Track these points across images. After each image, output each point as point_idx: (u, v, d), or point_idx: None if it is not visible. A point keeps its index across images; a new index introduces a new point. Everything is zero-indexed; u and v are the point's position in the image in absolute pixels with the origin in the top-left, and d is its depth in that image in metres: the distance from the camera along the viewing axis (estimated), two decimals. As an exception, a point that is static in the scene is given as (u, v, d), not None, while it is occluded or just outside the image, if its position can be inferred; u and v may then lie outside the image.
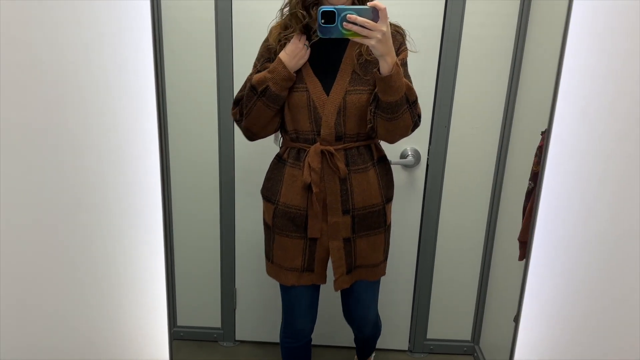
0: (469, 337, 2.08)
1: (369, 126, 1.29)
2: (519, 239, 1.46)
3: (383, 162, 1.42)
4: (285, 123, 1.36)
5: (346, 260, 1.39)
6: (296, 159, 1.36)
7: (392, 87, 1.17)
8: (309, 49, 1.28)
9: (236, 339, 2.10)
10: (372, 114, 1.26)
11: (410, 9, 1.71)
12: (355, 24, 1.08)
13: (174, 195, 1.93)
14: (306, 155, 1.33)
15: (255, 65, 1.36)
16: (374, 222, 1.39)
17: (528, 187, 1.41)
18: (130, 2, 0.63)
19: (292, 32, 1.27)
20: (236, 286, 2.04)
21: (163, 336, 0.98)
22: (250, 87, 1.29)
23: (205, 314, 2.07)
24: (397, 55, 1.25)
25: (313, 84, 1.29)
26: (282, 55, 1.27)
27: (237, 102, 1.37)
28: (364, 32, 1.08)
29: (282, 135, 1.43)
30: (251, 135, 1.38)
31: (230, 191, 1.91)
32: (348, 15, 1.07)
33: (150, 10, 0.58)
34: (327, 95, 1.29)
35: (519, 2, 1.69)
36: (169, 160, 1.89)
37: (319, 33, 1.10)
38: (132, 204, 0.81)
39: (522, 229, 1.44)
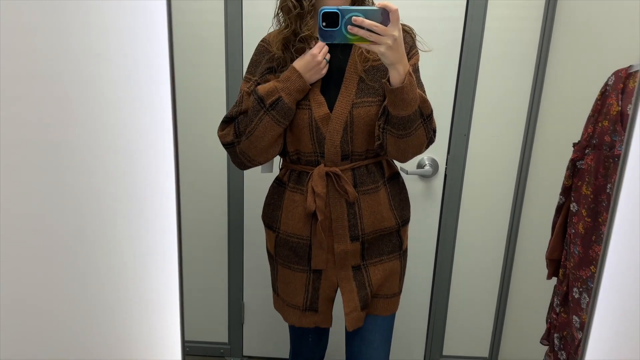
0: (486, 354, 2.00)
1: (377, 143, 1.13)
2: (547, 257, 1.38)
3: (395, 179, 1.26)
4: (286, 143, 1.20)
5: (359, 292, 1.21)
6: (297, 182, 1.21)
7: (405, 99, 1.02)
8: (328, 64, 1.13)
9: (244, 354, 2.03)
10: (380, 129, 1.10)
11: (429, 13, 1.64)
12: (362, 27, 0.92)
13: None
14: (309, 179, 1.18)
15: (248, 80, 1.18)
16: (387, 246, 1.24)
17: (558, 202, 1.33)
18: (143, 4, 0.55)
19: (289, 31, 1.12)
20: (244, 300, 1.96)
21: (175, 351, 0.90)
22: (257, 98, 1.11)
23: (212, 328, 2.00)
24: (408, 60, 1.10)
25: (316, 99, 1.13)
26: (298, 64, 1.11)
27: (229, 121, 1.18)
28: (372, 37, 0.93)
29: (281, 156, 1.28)
30: (246, 162, 1.19)
31: (238, 202, 1.84)
32: (354, 17, 0.92)
33: (166, 16, 0.50)
34: (331, 110, 1.14)
35: (543, 5, 1.61)
36: (179, 171, 1.81)
37: (319, 37, 0.95)
38: (142, 215, 0.74)
39: (551, 246, 1.36)
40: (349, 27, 0.93)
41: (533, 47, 1.65)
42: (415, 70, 1.16)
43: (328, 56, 1.12)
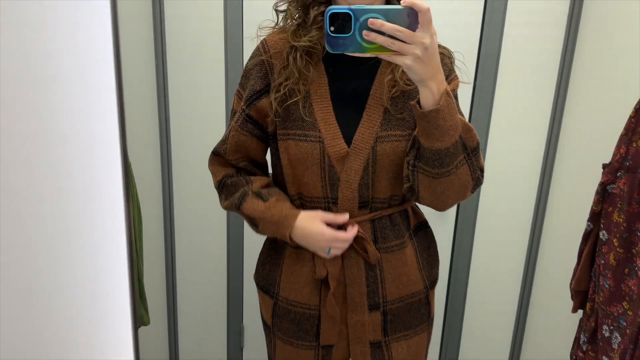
0: (502, 385, 1.87)
1: (406, 185, 0.91)
2: (573, 288, 1.26)
3: (423, 230, 1.05)
4: (286, 183, 0.97)
5: None
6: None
7: (440, 127, 0.78)
8: (337, 257, 0.94)
9: (243, 379, 1.93)
10: (410, 167, 0.87)
11: (443, 19, 1.52)
12: (382, 33, 0.71)
13: (177, 224, 1.76)
14: None
15: (239, 96, 0.98)
16: (415, 317, 1.02)
17: (586, 229, 1.21)
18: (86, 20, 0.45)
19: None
20: (244, 323, 1.86)
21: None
22: (237, 206, 0.97)
23: (210, 352, 1.90)
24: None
25: (330, 130, 0.90)
26: (302, 223, 0.92)
27: (218, 155, 1.02)
28: (396, 45, 0.71)
29: None
30: None
31: (238, 222, 1.74)
32: (370, 19, 0.71)
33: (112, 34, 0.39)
34: (349, 144, 0.91)
35: (567, 11, 1.49)
36: (172, 190, 1.72)
37: (327, 46, 0.74)
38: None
39: (577, 276, 1.24)
40: (364, 32, 0.71)
41: (555, 55, 1.53)
42: (454, 97, 0.93)
43: (340, 251, 0.93)
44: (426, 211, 1.66)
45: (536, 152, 1.62)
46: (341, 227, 0.94)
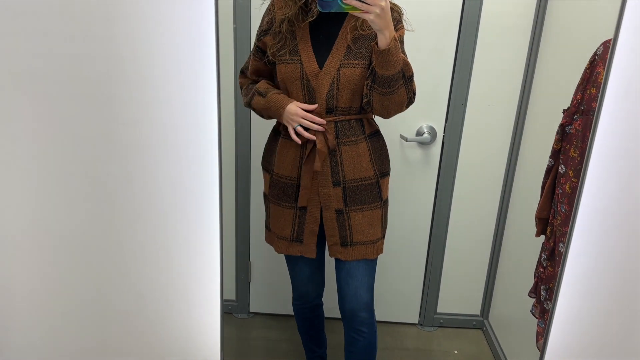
0: (478, 312, 2.11)
1: (365, 100, 1.30)
2: (536, 216, 1.47)
3: (376, 136, 1.42)
4: None
5: (339, 231, 1.39)
6: (288, 131, 1.38)
7: (390, 60, 1.19)
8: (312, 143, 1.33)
9: (250, 311, 2.13)
10: (368, 88, 1.27)
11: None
12: None
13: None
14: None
15: (257, 35, 1.38)
16: (368, 195, 1.39)
17: (548, 165, 1.42)
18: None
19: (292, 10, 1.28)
20: (251, 259, 2.06)
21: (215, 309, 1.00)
22: (248, 103, 1.41)
23: (219, 286, 2.09)
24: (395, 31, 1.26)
25: (307, 56, 1.30)
26: (287, 107, 1.32)
27: (242, 73, 1.47)
28: (364, 6, 1.11)
29: None
30: None
31: (246, 165, 1.91)
32: None
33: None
34: (321, 68, 1.29)
35: (540, -22, 1.67)
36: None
37: (318, 7, 1.12)
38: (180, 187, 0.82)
39: (540, 206, 1.45)
40: None
41: (528, 20, 1.71)
42: (400, 41, 1.30)
43: (301, 140, 1.33)
44: (414, 160, 1.86)
45: (510, 104, 1.81)
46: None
